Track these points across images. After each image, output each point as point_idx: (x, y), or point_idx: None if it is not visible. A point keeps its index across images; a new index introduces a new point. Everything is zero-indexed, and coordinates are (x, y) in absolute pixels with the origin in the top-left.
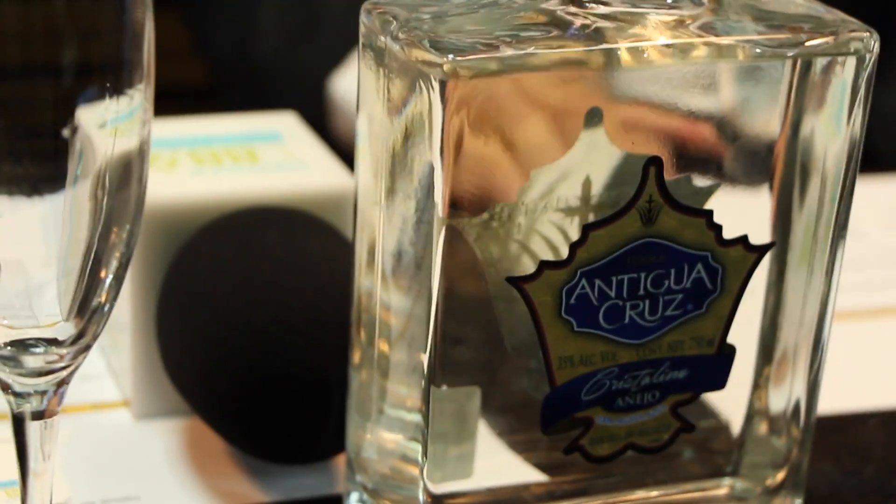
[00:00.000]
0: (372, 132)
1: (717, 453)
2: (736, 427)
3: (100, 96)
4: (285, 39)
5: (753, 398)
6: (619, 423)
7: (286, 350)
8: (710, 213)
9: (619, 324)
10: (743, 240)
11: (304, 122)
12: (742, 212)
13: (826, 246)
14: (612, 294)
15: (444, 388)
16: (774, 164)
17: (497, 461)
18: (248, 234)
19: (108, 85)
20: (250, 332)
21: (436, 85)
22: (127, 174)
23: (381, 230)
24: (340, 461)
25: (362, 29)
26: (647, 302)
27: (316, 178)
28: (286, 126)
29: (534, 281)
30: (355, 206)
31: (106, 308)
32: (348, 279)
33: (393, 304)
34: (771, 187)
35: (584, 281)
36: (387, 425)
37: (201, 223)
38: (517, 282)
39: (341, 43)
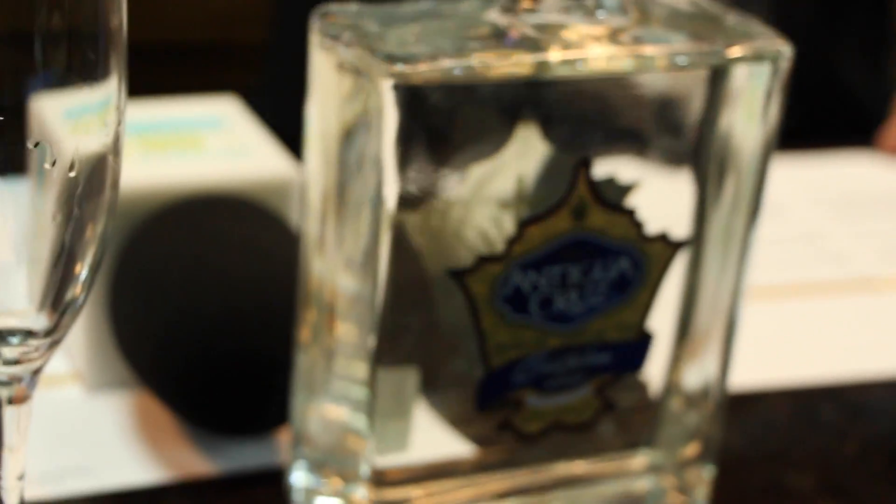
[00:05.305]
0: (322, 123)
1: (636, 427)
2: (654, 403)
3: (64, 78)
4: None
5: (670, 375)
6: (547, 402)
7: (234, 333)
8: (634, 211)
9: (550, 312)
10: (663, 236)
11: (245, 106)
12: (663, 203)
13: (740, 235)
14: (544, 285)
15: (387, 368)
16: (693, 160)
17: (432, 436)
18: (199, 223)
19: (74, 63)
20: (201, 316)
21: (386, 91)
22: (100, 178)
23: (329, 216)
24: (285, 436)
25: (315, 31)
26: (575, 292)
27: (258, 165)
28: (227, 111)
29: (472, 273)
30: (305, 190)
31: (80, 301)
32: (292, 266)
33: (340, 285)
34: (691, 181)
35: (518, 273)
36: (332, 400)
37: (152, 209)
38: (457, 274)
39: None
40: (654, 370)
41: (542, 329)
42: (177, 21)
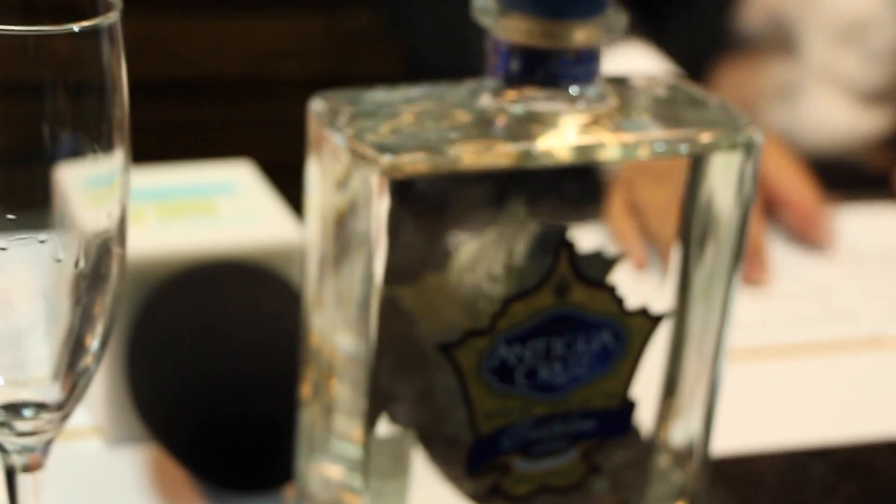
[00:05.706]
0: (319, 200)
1: (626, 486)
2: (643, 461)
3: (80, 149)
4: None
5: (658, 433)
6: (534, 467)
7: (242, 395)
8: (615, 287)
9: (535, 382)
10: (643, 310)
11: (257, 172)
12: (648, 271)
13: (721, 297)
14: (529, 357)
15: (383, 429)
16: (677, 229)
17: (429, 494)
18: (209, 289)
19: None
20: (210, 380)
21: (375, 179)
22: (106, 267)
23: (328, 281)
24: (291, 491)
25: (313, 117)
26: (559, 363)
27: (267, 231)
28: (241, 177)
29: (459, 347)
30: (305, 254)
31: (92, 369)
32: (296, 330)
33: (338, 344)
34: (675, 248)
35: (503, 346)
36: (330, 458)
37: (168, 273)
38: (445, 348)
39: None
40: (642, 429)
41: (528, 398)
42: (225, 56)
